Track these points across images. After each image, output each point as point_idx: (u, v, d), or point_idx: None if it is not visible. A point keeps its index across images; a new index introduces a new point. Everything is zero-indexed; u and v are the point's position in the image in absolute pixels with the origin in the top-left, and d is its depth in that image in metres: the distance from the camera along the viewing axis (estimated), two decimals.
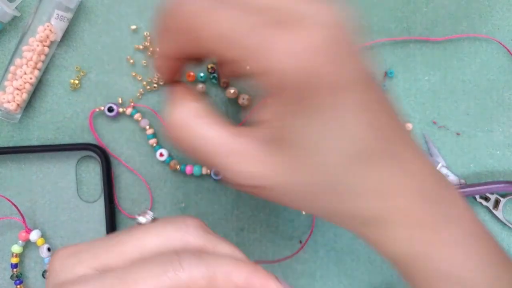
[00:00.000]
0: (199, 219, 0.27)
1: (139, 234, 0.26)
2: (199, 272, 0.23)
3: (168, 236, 0.25)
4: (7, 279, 0.44)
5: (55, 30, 0.41)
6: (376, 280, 0.43)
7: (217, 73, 0.42)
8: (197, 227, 0.26)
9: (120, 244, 0.25)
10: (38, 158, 0.44)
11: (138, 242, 0.25)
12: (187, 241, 0.25)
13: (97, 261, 0.25)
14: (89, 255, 0.25)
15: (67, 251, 0.26)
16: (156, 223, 0.26)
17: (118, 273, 0.23)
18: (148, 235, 0.25)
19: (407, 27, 0.43)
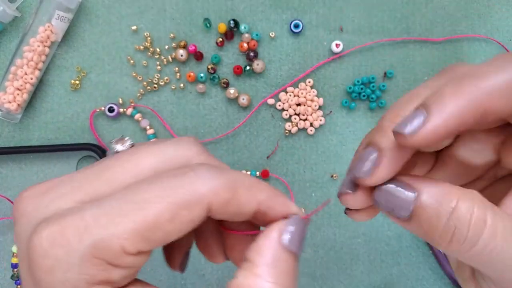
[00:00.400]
0: (195, 138, 0.23)
1: (128, 156, 0.21)
2: (221, 183, 0.19)
3: (165, 155, 0.21)
4: (7, 279, 0.44)
5: (55, 30, 0.41)
6: (375, 280, 0.43)
7: None
8: (196, 144, 0.22)
9: (106, 170, 0.20)
10: (38, 158, 0.44)
11: (129, 164, 0.21)
12: (189, 158, 0.21)
13: (81, 193, 0.20)
14: (69, 187, 0.20)
15: (36, 189, 0.21)
16: (147, 143, 0.22)
17: (119, 196, 0.19)
18: (140, 155, 0.21)
19: (406, 28, 0.43)
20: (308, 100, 0.43)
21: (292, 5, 0.43)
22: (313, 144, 0.44)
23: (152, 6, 0.43)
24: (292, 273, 0.20)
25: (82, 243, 0.18)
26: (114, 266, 0.19)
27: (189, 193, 0.19)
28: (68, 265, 0.18)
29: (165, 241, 0.19)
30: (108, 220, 0.18)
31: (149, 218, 0.18)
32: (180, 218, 0.19)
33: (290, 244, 0.20)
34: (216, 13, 0.43)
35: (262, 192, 0.21)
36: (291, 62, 0.43)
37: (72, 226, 0.18)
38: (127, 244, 0.18)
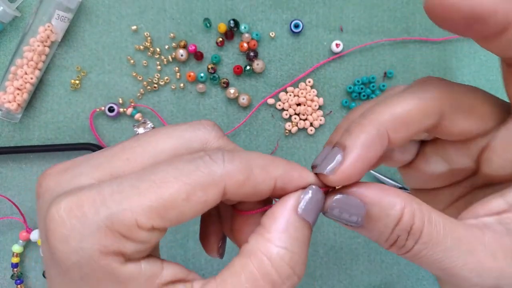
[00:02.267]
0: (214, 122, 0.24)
1: (148, 137, 0.22)
2: (235, 166, 0.20)
3: (183, 137, 0.22)
4: (7, 278, 0.44)
5: (55, 30, 0.41)
6: (375, 280, 0.43)
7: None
8: (215, 128, 0.23)
9: (126, 150, 0.21)
10: (39, 158, 0.44)
11: (148, 145, 0.21)
12: (207, 141, 0.22)
13: (100, 171, 0.21)
14: (89, 166, 0.21)
15: (59, 167, 0.22)
16: (167, 126, 0.22)
17: (138, 175, 0.20)
18: (160, 137, 0.22)
19: (406, 28, 0.43)
20: (308, 100, 0.43)
21: (292, 5, 0.43)
22: (313, 144, 0.44)
23: (152, 6, 0.43)
24: (304, 241, 0.21)
25: (98, 215, 0.19)
26: (127, 239, 0.19)
27: (205, 175, 0.19)
28: (83, 235, 0.19)
29: (179, 221, 0.20)
30: (125, 195, 0.19)
31: (165, 196, 0.19)
32: (195, 198, 0.19)
33: (304, 213, 0.21)
34: (216, 13, 0.43)
35: (277, 169, 0.21)
36: (291, 62, 0.43)
37: (89, 198, 0.19)
38: (141, 219, 0.19)
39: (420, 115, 0.21)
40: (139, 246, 0.20)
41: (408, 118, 0.21)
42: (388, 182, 0.42)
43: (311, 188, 0.22)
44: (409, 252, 0.20)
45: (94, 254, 0.19)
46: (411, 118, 0.21)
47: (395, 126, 0.21)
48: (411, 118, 0.21)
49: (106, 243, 0.19)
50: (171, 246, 0.44)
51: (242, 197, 0.21)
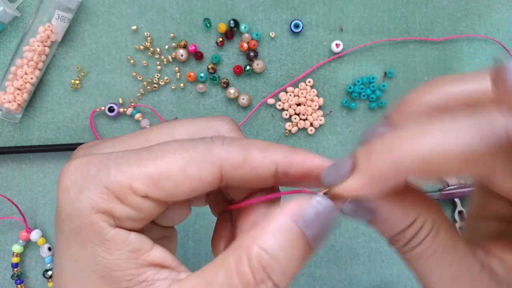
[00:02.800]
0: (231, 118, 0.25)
1: (167, 124, 0.24)
2: (232, 147, 0.21)
3: (199, 126, 0.24)
4: (7, 278, 0.44)
5: (55, 30, 0.41)
6: (375, 280, 0.43)
7: None
8: (231, 122, 0.24)
9: (146, 133, 0.24)
10: (39, 158, 0.44)
11: (165, 129, 0.24)
12: (220, 131, 0.24)
13: (121, 147, 0.23)
14: (113, 143, 0.24)
15: (91, 142, 0.25)
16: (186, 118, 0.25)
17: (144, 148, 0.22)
18: (178, 124, 0.24)
19: (406, 28, 0.43)
20: (308, 100, 0.43)
21: (292, 5, 0.43)
22: (313, 144, 0.44)
23: (152, 6, 0.43)
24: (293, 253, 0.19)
25: (98, 173, 0.20)
26: (120, 201, 0.20)
27: (202, 151, 0.21)
28: (81, 187, 0.20)
29: (173, 194, 0.21)
30: (125, 160, 0.21)
31: (161, 165, 0.20)
32: (190, 173, 0.20)
33: (303, 224, 0.19)
34: (216, 13, 0.43)
35: (277, 152, 0.21)
36: (291, 62, 0.43)
37: (97, 160, 0.21)
38: (136, 183, 0.20)
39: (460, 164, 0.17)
40: (130, 212, 0.21)
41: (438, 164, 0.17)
42: None
43: (316, 198, 0.20)
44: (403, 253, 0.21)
45: (86, 208, 0.20)
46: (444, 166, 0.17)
47: (417, 169, 0.18)
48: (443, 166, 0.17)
49: (99, 200, 0.20)
50: None
51: (241, 182, 0.21)
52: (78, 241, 0.20)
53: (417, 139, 0.18)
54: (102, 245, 0.20)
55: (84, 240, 0.20)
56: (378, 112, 0.44)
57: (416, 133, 0.18)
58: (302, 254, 0.20)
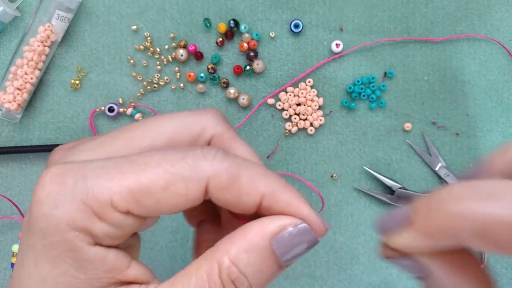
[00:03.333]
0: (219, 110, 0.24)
1: (150, 120, 0.22)
2: (223, 167, 0.19)
3: (184, 120, 0.22)
4: (7, 278, 0.44)
5: (55, 30, 0.41)
6: (375, 280, 0.43)
7: None
8: (217, 115, 0.23)
9: (127, 131, 0.22)
10: (39, 158, 0.44)
11: (147, 126, 0.22)
12: (205, 125, 0.22)
13: (102, 150, 0.21)
14: (93, 144, 0.22)
15: (68, 144, 0.23)
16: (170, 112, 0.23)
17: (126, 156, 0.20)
18: (162, 119, 0.22)
19: (406, 28, 0.43)
20: (308, 100, 0.43)
21: (292, 5, 0.43)
22: (313, 144, 0.44)
23: (152, 6, 0.43)
24: (263, 273, 0.19)
25: (75, 186, 0.19)
26: (99, 218, 0.19)
27: (189, 166, 0.19)
28: (57, 202, 0.19)
29: (155, 210, 0.19)
30: (105, 172, 0.19)
31: (143, 180, 0.18)
32: (174, 189, 0.19)
33: (277, 246, 0.19)
34: (216, 13, 0.43)
35: (268, 185, 0.20)
36: (291, 62, 0.43)
37: (73, 170, 0.19)
38: (116, 198, 0.18)
39: None
40: (110, 229, 0.19)
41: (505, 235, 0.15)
42: (387, 182, 0.42)
43: (299, 225, 0.19)
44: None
45: (61, 224, 0.18)
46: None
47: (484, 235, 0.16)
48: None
49: (76, 216, 0.18)
50: (171, 246, 0.44)
51: (224, 203, 0.20)
52: (49, 258, 0.19)
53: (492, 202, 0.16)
54: (76, 264, 0.19)
55: (56, 258, 0.19)
56: (378, 112, 0.44)
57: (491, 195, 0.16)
58: (272, 273, 0.19)
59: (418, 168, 0.43)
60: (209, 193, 0.19)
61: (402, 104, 0.43)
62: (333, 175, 0.44)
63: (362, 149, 0.44)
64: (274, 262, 0.19)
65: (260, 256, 0.19)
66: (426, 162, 0.43)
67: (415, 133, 0.43)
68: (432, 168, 0.43)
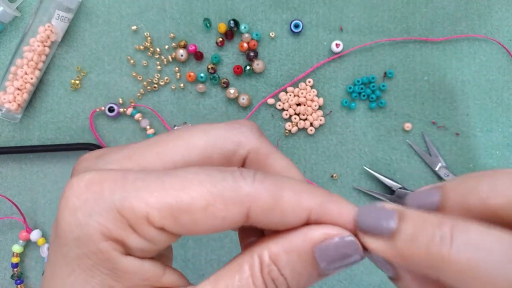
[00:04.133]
0: (254, 122, 0.23)
1: (181, 133, 0.21)
2: (264, 187, 0.18)
3: (217, 135, 0.21)
4: (7, 278, 0.44)
5: (55, 30, 0.41)
6: (375, 280, 0.43)
7: None
8: (252, 128, 0.22)
9: (158, 144, 0.21)
10: (39, 158, 0.44)
11: (180, 141, 0.21)
12: (240, 141, 0.21)
13: (131, 162, 0.20)
14: (121, 155, 0.21)
15: (94, 153, 0.22)
16: (204, 124, 0.22)
17: (166, 171, 0.19)
18: (194, 133, 0.21)
19: (406, 28, 0.43)
20: (308, 100, 0.43)
21: (292, 5, 0.43)
22: (313, 144, 0.44)
23: (152, 6, 0.43)
24: (301, 276, 0.19)
25: (113, 196, 0.18)
26: (133, 231, 0.18)
27: (230, 188, 0.18)
28: (92, 211, 0.18)
29: (192, 230, 0.19)
30: (145, 186, 0.18)
31: (184, 198, 0.18)
32: (214, 210, 0.18)
33: (319, 254, 0.19)
34: (216, 13, 0.43)
35: (313, 199, 0.19)
36: (291, 62, 0.43)
37: (111, 179, 0.19)
38: (153, 214, 0.18)
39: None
40: (144, 244, 0.19)
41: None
42: (387, 182, 0.42)
43: (346, 237, 0.19)
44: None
45: (95, 234, 0.18)
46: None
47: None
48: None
49: (110, 226, 0.18)
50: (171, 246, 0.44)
51: (268, 225, 0.19)
52: (84, 268, 0.18)
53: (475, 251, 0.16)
54: (112, 274, 0.19)
55: (92, 268, 0.18)
56: (378, 112, 0.44)
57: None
58: (310, 278, 0.19)
59: (418, 168, 0.43)
60: (252, 218, 0.19)
61: (402, 104, 0.43)
62: (333, 175, 0.44)
63: (362, 149, 0.44)
64: (314, 268, 0.19)
65: (300, 259, 0.19)
66: (426, 162, 0.43)
67: (415, 133, 0.43)
68: (432, 168, 0.43)
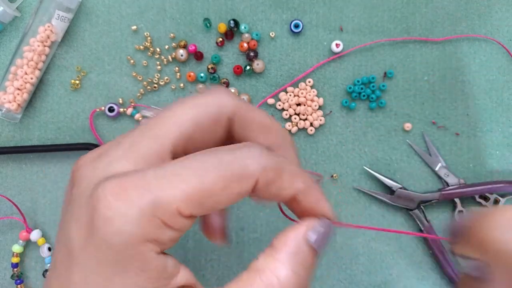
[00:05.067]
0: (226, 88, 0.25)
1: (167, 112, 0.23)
2: (269, 164, 0.21)
3: (201, 104, 0.23)
4: (7, 278, 0.44)
5: (55, 30, 0.41)
6: (375, 280, 0.43)
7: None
8: (227, 91, 0.24)
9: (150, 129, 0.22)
10: (39, 158, 0.44)
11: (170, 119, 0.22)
12: (221, 102, 0.23)
13: (133, 154, 0.21)
14: (121, 151, 0.22)
15: (91, 155, 0.23)
16: (180, 100, 0.24)
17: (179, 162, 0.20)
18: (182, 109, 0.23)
19: (406, 28, 0.43)
20: (308, 100, 0.43)
21: (292, 5, 0.43)
22: (313, 144, 0.44)
23: (152, 6, 0.43)
24: (309, 267, 0.22)
25: (142, 200, 0.19)
26: (167, 227, 0.20)
27: (241, 168, 0.20)
28: (127, 218, 0.19)
29: (213, 209, 0.21)
30: (168, 182, 0.20)
31: (206, 185, 0.20)
32: (231, 189, 0.20)
33: (315, 243, 0.22)
34: (216, 13, 0.43)
35: (303, 183, 0.23)
36: (291, 62, 0.43)
37: (134, 184, 0.20)
38: (183, 206, 0.19)
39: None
40: (174, 234, 0.20)
41: None
42: (387, 182, 0.42)
43: (325, 222, 0.23)
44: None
45: (133, 239, 0.19)
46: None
47: None
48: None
49: (147, 229, 0.19)
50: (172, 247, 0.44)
51: (267, 196, 0.22)
52: (124, 271, 0.20)
53: None
54: (144, 274, 0.20)
55: (129, 270, 0.20)
56: (378, 112, 0.44)
57: None
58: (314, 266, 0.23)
59: (418, 168, 0.43)
60: (256, 189, 0.21)
61: (402, 104, 0.43)
62: (333, 175, 0.44)
63: (362, 149, 0.44)
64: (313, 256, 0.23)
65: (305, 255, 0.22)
66: (426, 162, 0.43)
67: (415, 133, 0.43)
68: (432, 168, 0.43)
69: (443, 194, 0.42)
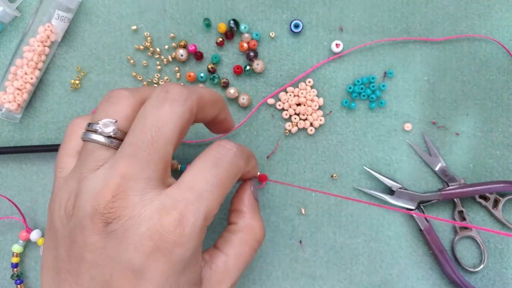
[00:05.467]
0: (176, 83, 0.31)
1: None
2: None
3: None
4: (7, 278, 0.44)
5: (55, 30, 0.41)
6: (375, 280, 0.43)
7: None
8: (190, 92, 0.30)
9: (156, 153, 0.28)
10: (38, 158, 0.44)
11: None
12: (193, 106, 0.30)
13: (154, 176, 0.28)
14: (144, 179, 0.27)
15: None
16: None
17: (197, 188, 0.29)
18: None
19: (406, 28, 0.43)
20: (308, 100, 0.43)
21: (292, 5, 0.43)
22: (313, 144, 0.44)
23: (152, 6, 0.43)
24: (258, 208, 0.36)
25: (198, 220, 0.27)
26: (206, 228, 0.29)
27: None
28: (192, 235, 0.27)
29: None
30: (203, 201, 0.28)
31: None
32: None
33: (255, 194, 0.36)
34: (216, 13, 0.43)
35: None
36: (291, 62, 0.43)
37: (184, 211, 0.27)
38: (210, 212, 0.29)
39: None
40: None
41: None
42: (387, 182, 0.42)
43: (255, 179, 0.38)
44: None
45: (197, 246, 0.27)
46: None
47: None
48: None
49: (202, 237, 0.28)
50: None
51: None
52: (187, 272, 0.28)
53: None
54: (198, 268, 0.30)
55: (190, 270, 0.28)
56: (378, 112, 0.44)
57: None
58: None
59: (418, 168, 0.43)
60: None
61: (402, 104, 0.43)
62: (333, 175, 0.44)
63: (362, 149, 0.44)
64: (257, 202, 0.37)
65: (256, 205, 0.37)
66: (426, 162, 0.43)
67: (415, 133, 0.44)
68: (432, 168, 0.43)
69: (443, 194, 0.42)
